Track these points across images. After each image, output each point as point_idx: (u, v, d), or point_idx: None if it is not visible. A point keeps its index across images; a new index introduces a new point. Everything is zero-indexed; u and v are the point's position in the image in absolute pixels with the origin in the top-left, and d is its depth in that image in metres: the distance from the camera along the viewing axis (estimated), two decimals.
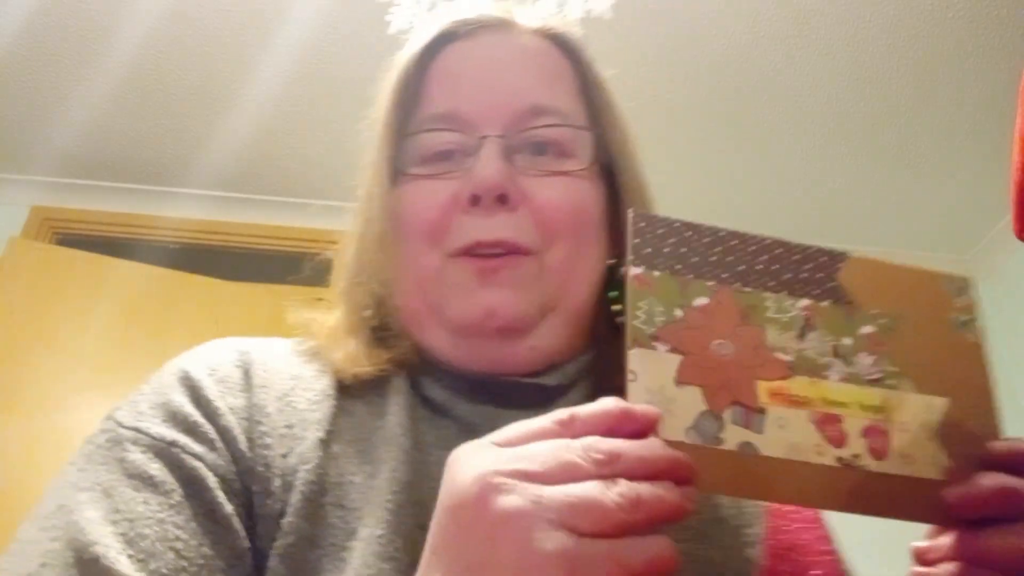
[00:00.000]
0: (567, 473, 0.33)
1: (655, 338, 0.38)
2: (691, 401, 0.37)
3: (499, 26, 0.59)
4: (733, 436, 0.37)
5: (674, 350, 0.38)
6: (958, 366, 0.41)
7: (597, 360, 0.57)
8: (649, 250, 0.40)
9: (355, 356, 0.53)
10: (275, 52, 1.94)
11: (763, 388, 0.38)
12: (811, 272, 0.41)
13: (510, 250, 0.52)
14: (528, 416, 0.41)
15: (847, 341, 0.40)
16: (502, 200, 0.52)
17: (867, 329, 0.40)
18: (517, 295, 0.52)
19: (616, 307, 0.54)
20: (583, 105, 0.59)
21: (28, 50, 1.99)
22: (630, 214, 0.41)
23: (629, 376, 0.37)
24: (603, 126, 0.59)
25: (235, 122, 2.16)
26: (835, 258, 0.42)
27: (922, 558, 0.41)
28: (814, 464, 0.37)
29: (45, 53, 2.00)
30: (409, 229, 0.55)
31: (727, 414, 0.37)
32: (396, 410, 0.52)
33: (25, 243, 2.28)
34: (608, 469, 0.33)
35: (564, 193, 0.54)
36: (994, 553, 0.36)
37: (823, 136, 2.19)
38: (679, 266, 0.40)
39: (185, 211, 2.43)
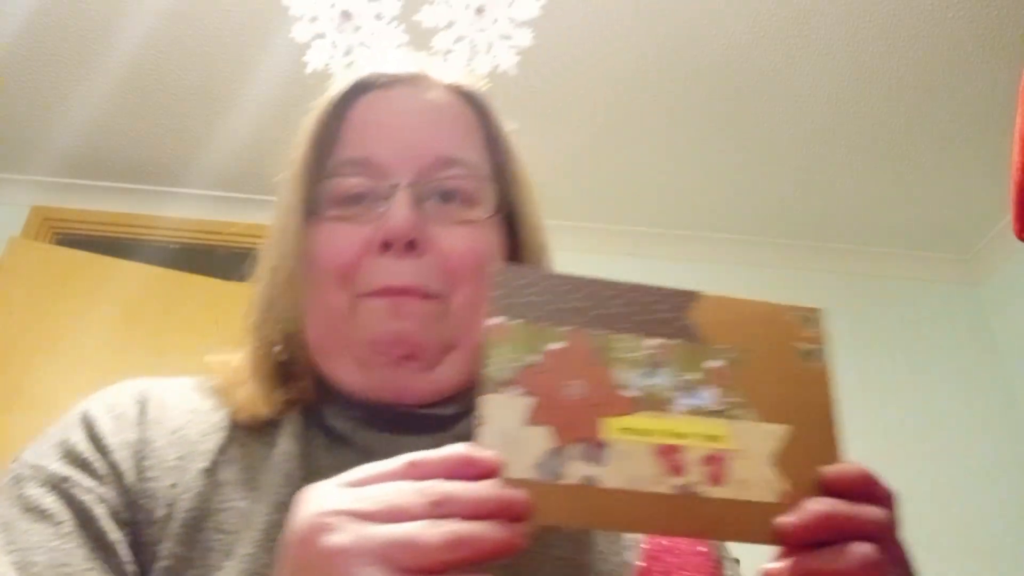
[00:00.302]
0: (398, 513, 0.35)
1: (508, 383, 0.41)
2: (539, 440, 0.40)
3: (413, 80, 0.63)
4: (576, 471, 0.39)
5: (527, 393, 0.41)
6: (801, 394, 0.43)
7: None
8: (509, 300, 0.43)
9: (252, 400, 0.57)
10: (275, 52, 1.94)
11: (609, 424, 0.41)
12: (664, 312, 0.44)
13: (417, 295, 0.56)
14: (424, 442, 0.46)
15: (694, 376, 0.43)
16: (411, 246, 0.56)
17: (714, 363, 0.43)
18: (423, 328, 0.56)
19: None
20: (488, 157, 0.63)
21: (28, 50, 1.99)
22: (494, 267, 0.44)
23: (478, 421, 0.40)
24: (506, 178, 0.63)
25: (235, 122, 2.16)
26: (687, 298, 0.44)
27: None
28: (651, 493, 0.40)
29: (45, 53, 2.00)
30: (321, 269, 0.58)
31: (572, 450, 0.40)
32: (287, 440, 0.55)
33: (25, 243, 2.28)
34: (440, 510, 0.35)
35: (468, 241, 0.58)
36: (823, 574, 0.39)
37: (823, 136, 2.19)
38: (537, 314, 0.43)
39: (185, 211, 2.43)
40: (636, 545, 0.57)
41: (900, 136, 2.17)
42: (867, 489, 0.41)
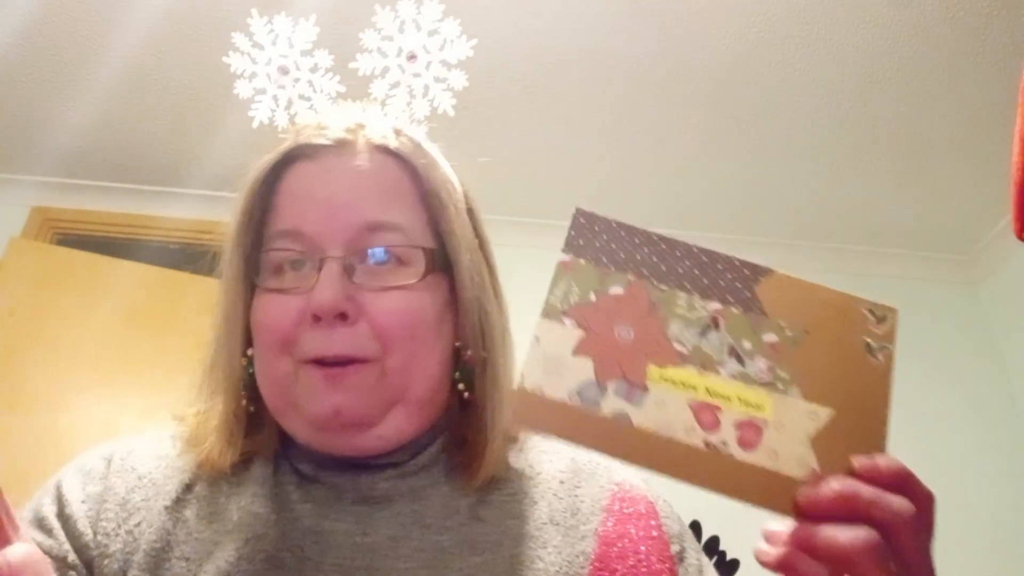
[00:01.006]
0: None
1: (565, 313, 0.43)
2: (582, 370, 0.42)
3: (340, 148, 0.65)
4: (611, 405, 0.41)
5: (579, 326, 0.43)
6: (856, 385, 0.44)
7: (448, 421, 0.65)
8: (581, 242, 0.45)
9: (213, 459, 0.61)
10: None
11: (653, 371, 0.42)
12: (730, 281, 0.45)
13: (351, 361, 0.59)
14: (387, 475, 0.60)
15: (747, 344, 0.43)
16: (342, 317, 0.59)
17: (770, 337, 0.44)
18: (360, 397, 0.59)
19: (461, 385, 0.63)
20: (423, 212, 0.65)
21: (28, 50, 1.99)
22: (575, 210, 0.46)
23: (534, 340, 0.42)
24: (442, 230, 0.65)
25: (236, 122, 2.16)
26: (757, 271, 0.45)
27: (767, 538, 0.44)
28: (679, 441, 0.41)
29: (45, 53, 2.00)
30: (262, 339, 0.62)
31: (612, 386, 0.42)
32: (254, 482, 0.61)
33: (25, 243, 2.28)
34: None
35: (399, 304, 0.60)
36: (819, 545, 0.39)
37: (823, 136, 2.19)
38: (604, 259, 0.45)
39: (185, 211, 2.43)
40: (594, 534, 0.60)
41: (900, 136, 2.17)
42: (900, 484, 0.41)
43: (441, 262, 0.64)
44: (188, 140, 2.26)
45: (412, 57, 0.80)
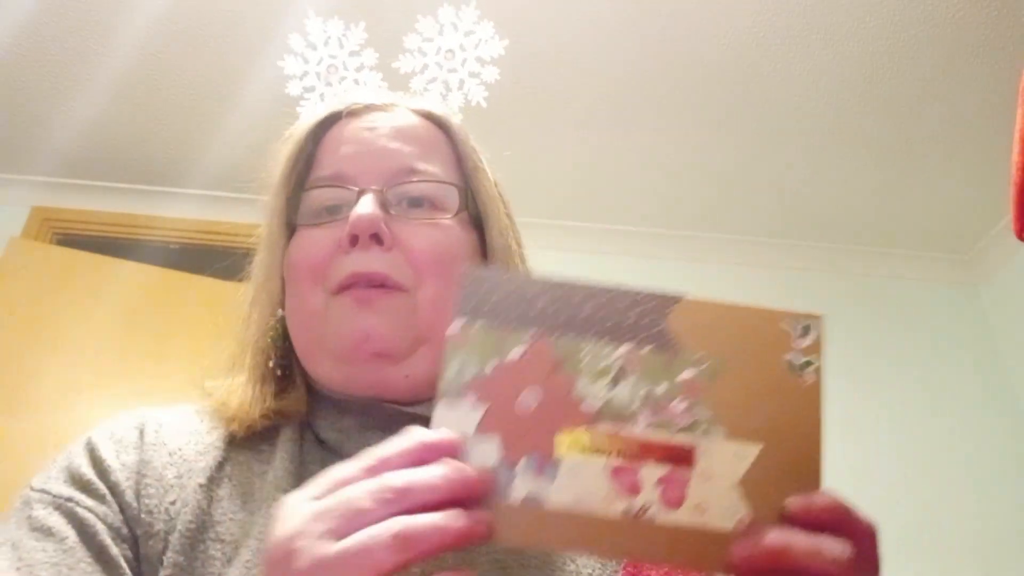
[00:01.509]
0: (355, 520, 0.36)
1: (464, 390, 0.39)
2: (488, 451, 0.38)
3: (383, 107, 0.68)
4: (521, 487, 0.38)
5: (480, 401, 0.39)
6: (782, 411, 0.40)
7: None
8: (473, 303, 0.41)
9: (245, 406, 0.61)
10: (275, 51, 1.94)
11: (563, 438, 0.39)
12: (638, 317, 0.41)
13: (384, 284, 0.59)
14: None
15: (662, 388, 0.40)
16: (377, 240, 0.59)
17: (686, 374, 0.40)
18: (391, 322, 0.58)
19: None
20: (458, 171, 0.67)
21: (28, 50, 1.99)
22: (462, 270, 0.42)
23: (431, 427, 0.39)
24: (475, 187, 0.66)
25: (235, 122, 2.16)
26: (665, 301, 0.41)
27: None
28: (598, 515, 0.37)
29: (45, 53, 2.00)
30: (296, 273, 0.62)
31: (521, 464, 0.38)
32: (283, 455, 0.59)
33: (25, 243, 2.28)
34: (396, 507, 0.36)
35: (433, 237, 0.61)
36: None
37: (823, 137, 2.19)
38: (500, 318, 0.41)
39: (185, 211, 2.43)
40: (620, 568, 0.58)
41: (900, 136, 2.17)
42: (838, 522, 0.38)
43: (473, 212, 0.65)
44: (188, 140, 2.26)
45: (449, 54, 0.83)
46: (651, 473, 0.38)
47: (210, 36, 1.94)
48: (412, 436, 0.38)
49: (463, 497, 0.36)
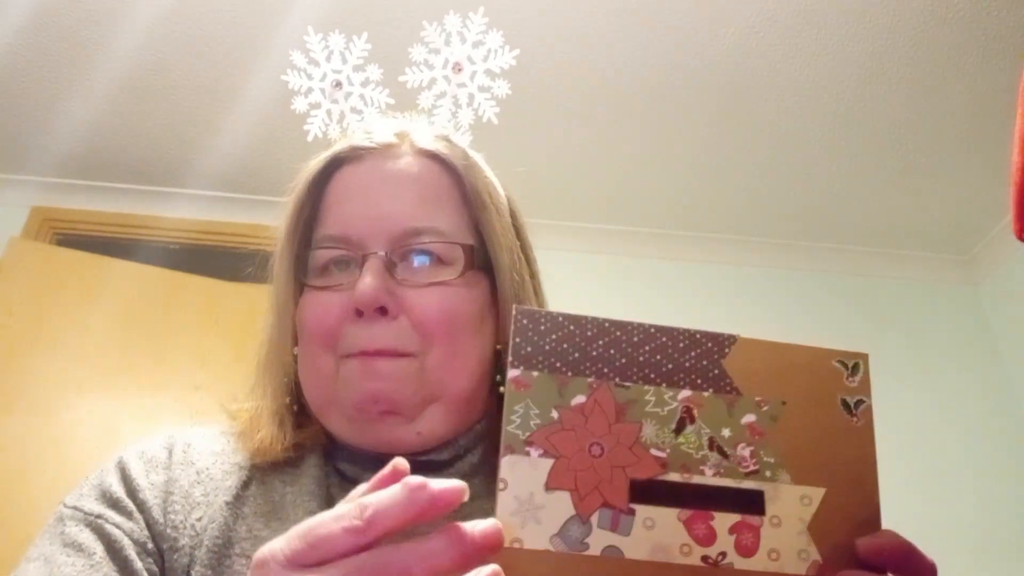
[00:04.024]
0: (325, 551, 0.35)
1: (529, 443, 0.38)
2: (560, 507, 0.37)
3: (384, 151, 0.67)
4: (599, 540, 0.37)
5: (546, 454, 0.38)
6: (841, 452, 0.40)
7: (490, 427, 0.66)
8: (529, 349, 0.40)
9: (269, 443, 0.62)
10: (275, 51, 1.93)
11: (635, 488, 0.38)
12: (695, 360, 0.41)
13: (389, 355, 0.60)
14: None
15: (726, 432, 0.40)
16: (383, 311, 0.60)
17: (748, 418, 0.40)
18: (398, 386, 0.60)
19: (503, 388, 0.60)
20: (465, 214, 0.67)
21: (28, 50, 1.99)
22: (513, 311, 0.41)
23: (500, 485, 0.38)
24: (483, 231, 0.66)
25: (235, 122, 2.16)
26: (722, 343, 0.41)
27: None
28: (677, 565, 0.37)
29: (45, 53, 2.00)
30: (307, 336, 0.64)
31: (595, 517, 0.38)
32: (308, 479, 0.61)
33: (25, 243, 2.28)
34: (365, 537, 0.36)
35: (439, 301, 0.61)
36: None
37: (823, 137, 2.19)
38: (559, 364, 0.40)
39: (185, 211, 2.43)
40: None
41: (900, 136, 2.17)
42: (903, 563, 0.39)
43: (481, 261, 0.65)
44: (188, 140, 2.26)
45: (458, 67, 0.82)
46: (724, 520, 0.38)
47: (210, 37, 1.94)
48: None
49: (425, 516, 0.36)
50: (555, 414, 0.39)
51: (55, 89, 2.10)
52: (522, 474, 0.38)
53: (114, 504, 0.59)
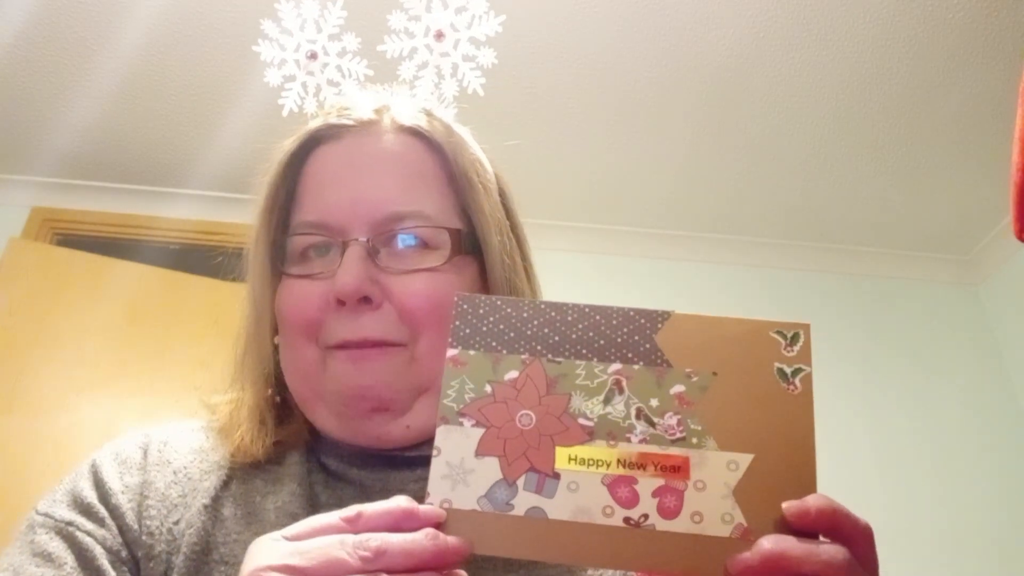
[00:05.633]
0: (331, 567, 0.37)
1: (462, 414, 0.41)
2: (488, 471, 0.40)
3: (365, 128, 0.63)
4: (523, 502, 0.39)
5: (478, 424, 0.41)
6: (774, 419, 0.41)
7: None
8: (468, 331, 0.43)
9: (246, 446, 0.60)
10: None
11: (561, 453, 0.40)
12: (628, 335, 0.42)
13: (378, 345, 0.57)
14: (415, 476, 0.56)
15: (654, 402, 0.41)
16: (366, 301, 0.57)
17: (677, 389, 0.42)
18: (387, 379, 0.57)
19: None
20: (451, 194, 0.63)
21: (28, 51, 1.99)
22: (455, 298, 0.44)
23: (434, 452, 0.41)
24: (470, 211, 0.63)
25: (235, 122, 2.16)
26: (655, 319, 0.43)
27: None
28: (598, 525, 0.39)
29: (45, 54, 2.00)
30: (288, 326, 0.60)
31: (521, 481, 0.40)
32: (290, 478, 0.59)
33: (25, 243, 2.28)
34: (372, 565, 0.37)
35: (425, 288, 0.58)
36: None
37: (823, 136, 2.19)
38: (495, 343, 0.43)
39: (185, 211, 2.43)
40: None
41: (900, 137, 2.17)
42: (833, 526, 0.39)
43: (469, 244, 0.62)
44: (188, 140, 2.26)
45: (440, 36, 0.79)
46: (647, 484, 0.40)
47: (210, 37, 1.94)
48: (398, 501, 0.39)
49: (437, 566, 0.38)
50: (488, 388, 0.42)
51: (55, 89, 2.10)
52: (455, 442, 0.41)
53: (86, 510, 0.56)
